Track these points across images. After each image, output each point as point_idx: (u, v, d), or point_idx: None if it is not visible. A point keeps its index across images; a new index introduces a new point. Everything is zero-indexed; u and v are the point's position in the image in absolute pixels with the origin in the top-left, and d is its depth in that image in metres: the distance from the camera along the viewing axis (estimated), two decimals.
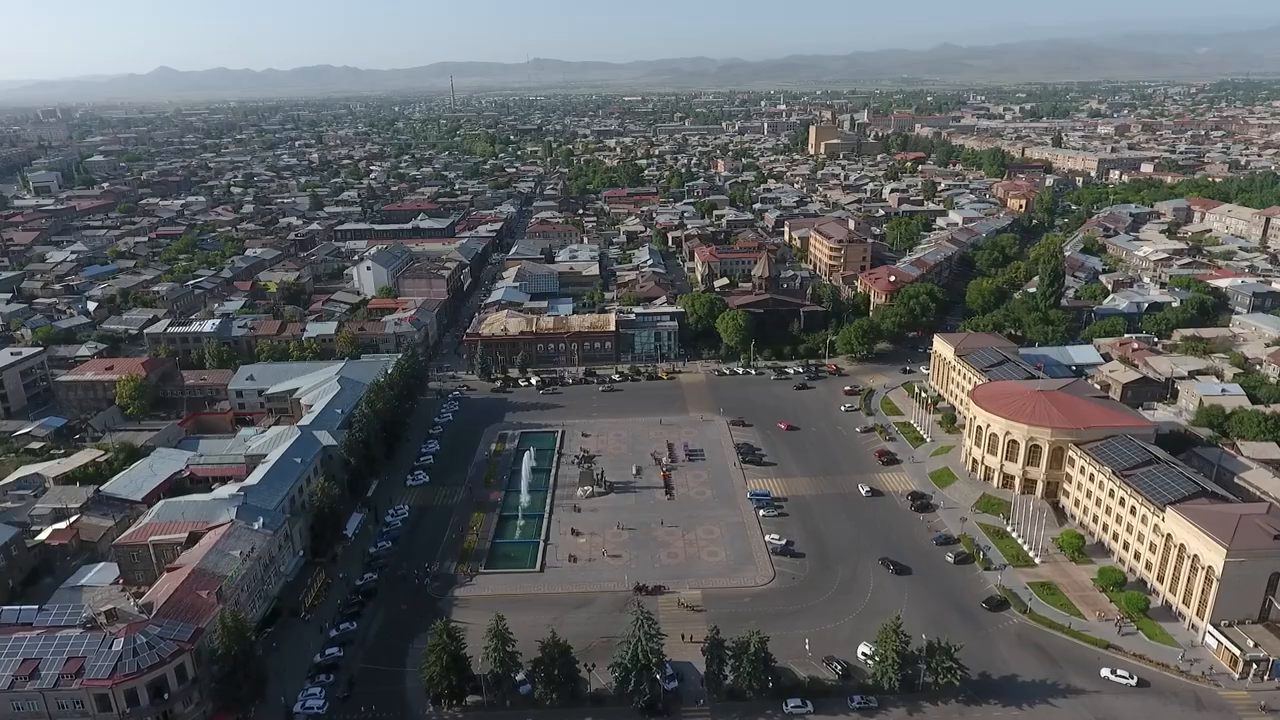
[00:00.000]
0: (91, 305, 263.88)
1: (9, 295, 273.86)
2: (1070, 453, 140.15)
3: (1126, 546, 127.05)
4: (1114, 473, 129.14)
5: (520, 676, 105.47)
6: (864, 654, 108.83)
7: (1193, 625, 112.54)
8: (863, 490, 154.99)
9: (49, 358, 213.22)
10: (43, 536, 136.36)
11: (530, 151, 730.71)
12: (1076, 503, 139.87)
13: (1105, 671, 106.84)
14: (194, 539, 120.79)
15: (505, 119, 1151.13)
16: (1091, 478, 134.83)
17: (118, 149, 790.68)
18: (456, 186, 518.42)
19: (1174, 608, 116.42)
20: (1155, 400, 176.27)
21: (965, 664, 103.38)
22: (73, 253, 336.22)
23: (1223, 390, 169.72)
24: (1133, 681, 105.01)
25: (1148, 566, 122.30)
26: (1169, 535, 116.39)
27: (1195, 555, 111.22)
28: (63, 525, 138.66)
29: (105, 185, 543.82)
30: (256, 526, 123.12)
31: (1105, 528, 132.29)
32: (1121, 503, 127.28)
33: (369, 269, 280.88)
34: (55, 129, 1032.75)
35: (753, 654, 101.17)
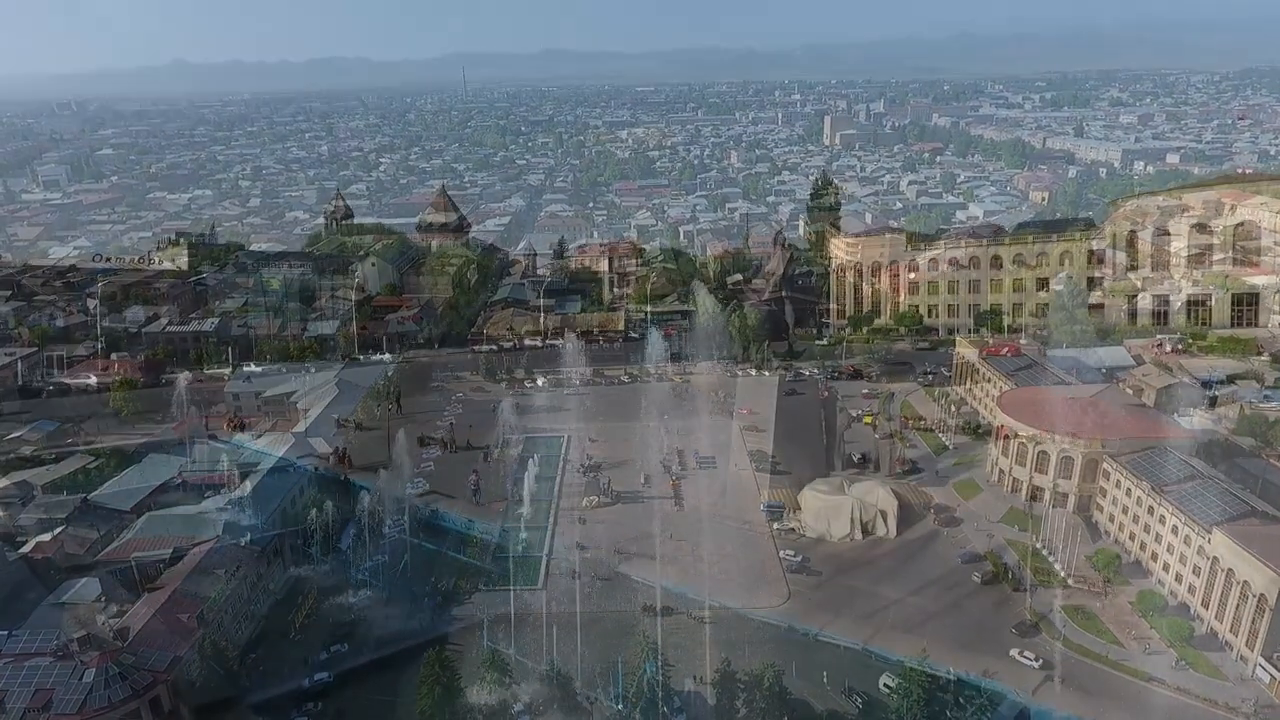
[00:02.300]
0: (91, 303, 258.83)
1: (9, 292, 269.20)
2: (1105, 465, 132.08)
3: (1167, 568, 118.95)
4: (1154, 488, 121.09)
5: (518, 708, 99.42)
6: (886, 686, 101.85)
7: (1241, 657, 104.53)
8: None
9: (45, 357, 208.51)
10: (26, 549, 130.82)
11: (541, 143, 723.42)
12: (1111, 519, 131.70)
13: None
14: (178, 556, 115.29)
15: (516, 110, 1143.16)
16: (1129, 493, 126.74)
17: (128, 141, 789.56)
18: (466, 179, 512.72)
19: (1220, 636, 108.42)
20: (1191, 407, 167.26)
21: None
22: (76, 248, 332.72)
23: (1265, 396, 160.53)
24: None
25: (1190, 590, 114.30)
26: (1215, 558, 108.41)
27: (1245, 581, 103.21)
28: (47, 537, 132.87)
29: (114, 179, 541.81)
30: (244, 542, 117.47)
31: (1143, 546, 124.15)
32: (1162, 521, 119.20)
33: (373, 265, 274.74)
34: (68, 122, 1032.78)
35: (766, 688, 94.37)
